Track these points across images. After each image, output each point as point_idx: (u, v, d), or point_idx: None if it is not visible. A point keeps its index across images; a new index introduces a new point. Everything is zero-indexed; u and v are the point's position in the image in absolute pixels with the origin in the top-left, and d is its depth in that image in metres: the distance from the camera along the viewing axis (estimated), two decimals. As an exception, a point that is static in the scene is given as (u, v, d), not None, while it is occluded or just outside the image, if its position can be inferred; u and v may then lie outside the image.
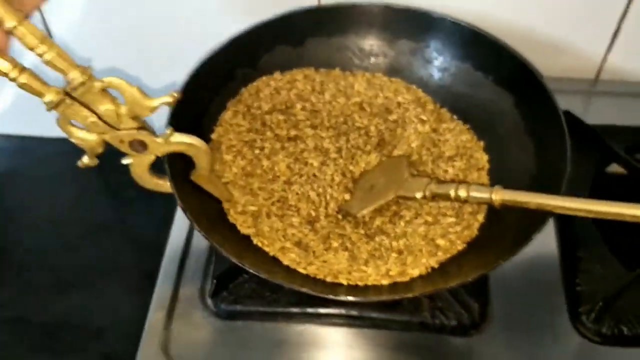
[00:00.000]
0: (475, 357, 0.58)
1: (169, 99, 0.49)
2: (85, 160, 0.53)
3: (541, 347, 0.58)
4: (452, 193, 0.56)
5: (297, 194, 0.61)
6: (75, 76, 0.47)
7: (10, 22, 0.43)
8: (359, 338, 0.59)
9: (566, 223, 0.65)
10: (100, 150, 0.52)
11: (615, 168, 0.70)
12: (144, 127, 0.52)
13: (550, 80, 0.66)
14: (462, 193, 0.55)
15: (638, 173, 0.67)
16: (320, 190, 0.61)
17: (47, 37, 0.45)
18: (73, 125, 0.51)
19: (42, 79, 0.47)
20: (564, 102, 0.70)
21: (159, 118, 0.59)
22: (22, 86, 0.46)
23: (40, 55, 0.45)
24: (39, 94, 0.47)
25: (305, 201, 0.60)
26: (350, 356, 0.58)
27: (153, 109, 0.50)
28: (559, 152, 0.57)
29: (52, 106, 0.48)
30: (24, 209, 0.79)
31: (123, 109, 0.50)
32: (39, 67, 0.47)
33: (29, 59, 0.47)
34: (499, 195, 0.53)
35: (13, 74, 0.45)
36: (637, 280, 0.59)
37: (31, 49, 0.45)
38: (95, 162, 0.53)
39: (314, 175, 0.62)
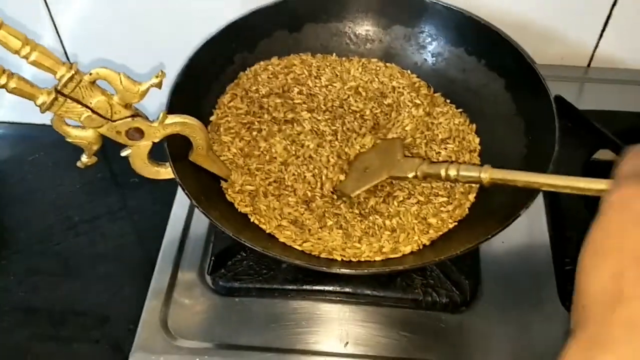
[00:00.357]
0: (465, 333, 0.59)
1: (156, 80, 0.50)
2: (85, 159, 0.55)
3: (531, 324, 0.59)
4: (442, 173, 0.57)
5: (293, 174, 0.62)
6: (63, 73, 0.47)
7: None
8: (353, 314, 0.60)
9: (556, 204, 0.66)
10: (97, 146, 0.54)
11: (604, 155, 0.71)
12: (137, 114, 0.53)
13: (543, 67, 0.67)
14: (452, 172, 0.56)
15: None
16: (316, 171, 0.62)
17: (29, 38, 0.46)
18: (68, 125, 0.52)
19: (32, 82, 0.48)
20: (557, 89, 0.72)
21: (157, 105, 0.60)
22: (13, 91, 0.47)
23: (26, 57, 0.46)
24: (31, 97, 0.48)
25: (301, 182, 0.62)
26: (344, 331, 0.59)
27: (142, 94, 0.50)
28: (547, 132, 0.58)
29: (45, 107, 0.49)
30: (29, 196, 0.81)
31: (114, 99, 0.51)
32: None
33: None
34: (488, 174, 0.54)
35: (2, 80, 0.46)
36: (625, 259, 0.60)
37: (15, 52, 0.45)
38: (94, 160, 0.55)
39: (310, 156, 0.63)
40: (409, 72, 0.71)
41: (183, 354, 0.58)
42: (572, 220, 0.65)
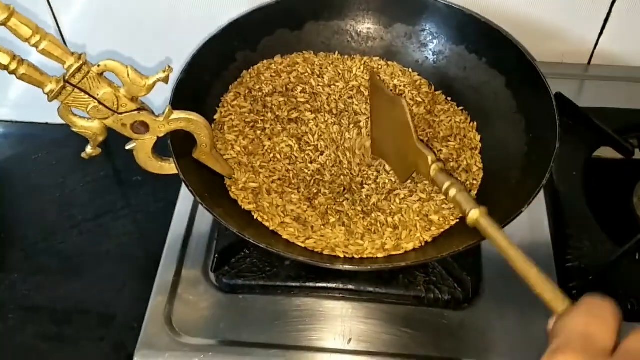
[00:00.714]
0: (467, 329, 0.59)
1: (163, 75, 0.50)
2: (89, 150, 0.55)
3: (533, 322, 0.59)
4: (446, 184, 0.55)
5: (297, 173, 0.63)
6: (72, 63, 0.48)
7: (1, 15, 0.44)
8: (355, 311, 0.61)
9: (557, 202, 0.67)
10: (102, 138, 0.54)
11: (604, 152, 0.72)
12: (143, 108, 0.53)
13: (544, 65, 0.67)
14: (452, 192, 0.54)
15: (629, 153, 0.69)
16: (321, 169, 0.63)
17: (39, 27, 0.46)
18: (75, 115, 0.52)
19: (41, 69, 0.48)
20: (557, 87, 0.72)
21: (163, 100, 0.61)
22: (22, 77, 0.47)
23: (35, 46, 0.46)
24: (40, 85, 0.49)
25: (305, 180, 0.62)
26: (347, 328, 0.60)
27: (149, 88, 0.51)
28: (548, 130, 0.59)
29: (53, 95, 0.49)
30: (32, 194, 0.81)
31: (121, 92, 0.51)
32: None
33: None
34: (476, 216, 0.51)
35: (12, 66, 0.47)
36: (626, 256, 0.61)
37: (25, 40, 0.46)
38: (99, 151, 0.55)
39: (318, 151, 0.64)
40: (410, 70, 0.71)
41: (187, 351, 0.58)
42: (573, 217, 0.65)
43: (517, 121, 0.64)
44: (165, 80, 0.51)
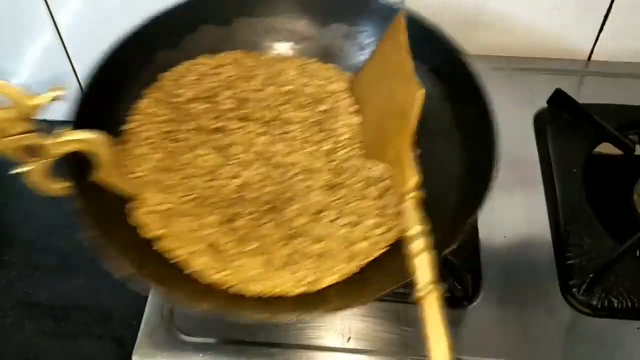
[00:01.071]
0: (467, 328, 0.59)
1: (54, 94, 0.45)
2: None
3: (533, 319, 0.59)
4: (412, 231, 0.49)
5: (217, 191, 0.56)
6: None
7: None
8: (354, 309, 0.60)
9: (557, 197, 0.66)
10: None
11: (605, 148, 0.71)
12: (33, 129, 0.47)
13: (544, 61, 0.66)
14: (417, 246, 0.48)
15: (629, 150, 0.69)
16: (245, 185, 0.57)
17: None
18: None
19: None
20: (557, 83, 0.72)
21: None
22: None
23: None
24: None
25: (227, 199, 0.56)
26: (346, 326, 0.59)
27: (37, 107, 0.45)
28: (487, 148, 0.54)
29: None
30: (30, 192, 0.80)
31: (12, 113, 0.45)
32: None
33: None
34: (428, 297, 0.46)
35: None
36: (627, 253, 0.61)
37: None
38: None
39: (241, 164, 0.58)
40: (349, 74, 0.64)
41: (187, 350, 0.58)
42: (573, 214, 0.65)
43: (456, 136, 0.59)
44: (58, 99, 0.45)
